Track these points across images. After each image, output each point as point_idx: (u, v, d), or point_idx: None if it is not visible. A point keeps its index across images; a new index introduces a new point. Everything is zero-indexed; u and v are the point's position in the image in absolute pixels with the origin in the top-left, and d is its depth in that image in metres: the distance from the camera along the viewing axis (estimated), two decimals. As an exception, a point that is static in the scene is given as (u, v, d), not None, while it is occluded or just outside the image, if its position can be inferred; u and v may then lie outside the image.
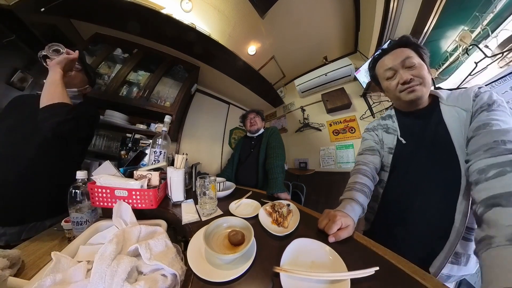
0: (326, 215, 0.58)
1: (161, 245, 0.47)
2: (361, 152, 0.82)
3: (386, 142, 0.77)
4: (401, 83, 0.63)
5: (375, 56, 0.75)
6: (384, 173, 0.76)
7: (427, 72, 0.63)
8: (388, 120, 0.79)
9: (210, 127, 2.71)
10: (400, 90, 0.64)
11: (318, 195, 2.48)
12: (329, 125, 2.59)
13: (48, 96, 0.75)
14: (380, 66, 0.71)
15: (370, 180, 0.72)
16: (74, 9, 1.48)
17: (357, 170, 0.75)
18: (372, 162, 0.76)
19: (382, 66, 0.70)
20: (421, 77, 0.61)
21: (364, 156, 0.79)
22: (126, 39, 1.76)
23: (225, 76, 2.38)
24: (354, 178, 0.72)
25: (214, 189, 0.74)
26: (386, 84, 0.70)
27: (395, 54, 0.66)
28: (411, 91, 0.62)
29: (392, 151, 0.73)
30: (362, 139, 0.88)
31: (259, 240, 0.49)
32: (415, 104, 0.67)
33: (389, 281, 0.38)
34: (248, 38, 2.13)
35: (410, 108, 0.69)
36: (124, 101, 1.66)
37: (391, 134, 0.75)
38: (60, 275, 0.37)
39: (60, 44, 0.81)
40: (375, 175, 0.75)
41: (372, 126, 0.85)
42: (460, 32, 1.38)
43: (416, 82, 0.62)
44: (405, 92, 0.64)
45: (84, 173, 0.64)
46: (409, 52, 0.64)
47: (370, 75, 0.80)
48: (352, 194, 0.65)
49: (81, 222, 0.60)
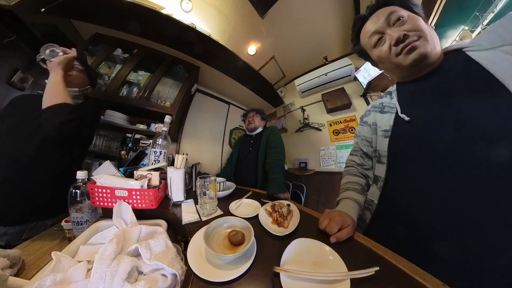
0: (326, 215, 0.58)
1: (161, 245, 0.47)
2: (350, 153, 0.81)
3: (380, 125, 0.61)
4: (394, 44, 0.49)
5: (355, 27, 0.62)
6: (380, 166, 0.59)
7: (425, 24, 0.48)
8: (385, 97, 0.63)
9: (210, 127, 2.71)
10: (396, 53, 0.49)
11: (318, 195, 2.49)
12: (329, 125, 2.59)
13: (50, 96, 0.76)
14: (364, 35, 0.58)
15: (359, 177, 0.72)
16: (74, 10, 1.48)
17: (346, 171, 0.77)
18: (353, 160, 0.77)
19: (365, 34, 0.57)
20: (417, 30, 0.47)
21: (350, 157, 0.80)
22: (126, 39, 1.76)
23: (225, 76, 2.38)
24: (344, 179, 0.74)
25: (214, 189, 0.74)
26: (376, 53, 0.55)
27: (375, 16, 0.54)
28: (410, 49, 0.47)
29: (387, 134, 0.57)
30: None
31: (259, 240, 0.49)
32: (423, 66, 0.49)
33: (389, 281, 0.38)
34: (248, 38, 2.13)
35: (418, 72, 0.52)
36: (124, 101, 1.66)
37: (387, 113, 0.59)
38: (60, 275, 0.37)
39: (55, 44, 0.82)
40: (363, 171, 0.73)
41: (364, 113, 0.73)
42: (460, 31, 1.38)
43: (413, 37, 0.46)
44: (403, 54, 0.48)
45: (85, 173, 0.64)
46: (393, 8, 0.51)
47: (356, 50, 0.65)
48: (346, 194, 0.66)
49: (81, 222, 0.60)
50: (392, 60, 0.52)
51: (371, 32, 0.55)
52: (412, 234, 0.48)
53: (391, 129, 0.56)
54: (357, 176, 0.73)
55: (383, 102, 0.64)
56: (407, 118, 0.52)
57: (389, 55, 0.52)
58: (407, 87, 0.57)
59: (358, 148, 0.77)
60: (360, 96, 2.33)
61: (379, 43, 0.54)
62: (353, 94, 2.39)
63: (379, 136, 0.61)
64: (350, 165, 0.78)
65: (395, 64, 0.52)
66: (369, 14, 0.57)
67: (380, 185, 0.60)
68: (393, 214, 0.55)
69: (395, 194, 0.55)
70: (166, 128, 1.00)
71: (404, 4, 0.52)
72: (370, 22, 0.56)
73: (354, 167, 0.76)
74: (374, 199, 0.62)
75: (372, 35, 0.55)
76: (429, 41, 0.47)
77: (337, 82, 2.49)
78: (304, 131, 2.85)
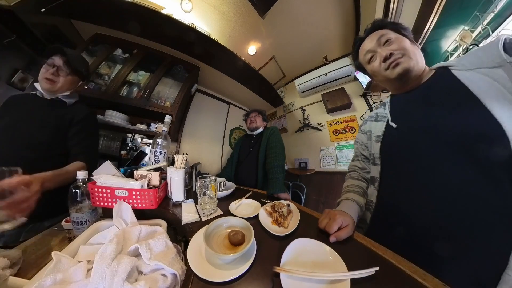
0: (326, 215, 0.58)
1: (161, 245, 0.47)
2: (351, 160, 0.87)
3: (374, 131, 0.70)
4: (382, 61, 0.59)
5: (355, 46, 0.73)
6: (375, 168, 0.66)
7: (410, 44, 0.58)
8: (380, 108, 0.74)
9: (210, 127, 2.71)
10: (385, 68, 0.60)
11: (318, 195, 2.48)
12: (329, 125, 2.59)
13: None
14: (361, 52, 0.70)
15: (361, 181, 0.77)
16: (74, 10, 1.48)
17: (348, 176, 0.82)
18: (355, 165, 0.82)
19: (362, 52, 0.69)
20: (401, 49, 0.57)
21: (352, 163, 0.85)
22: (126, 39, 1.76)
23: (225, 76, 2.38)
24: (346, 183, 0.79)
25: (214, 189, 0.74)
26: (370, 68, 0.67)
27: (370, 38, 0.65)
28: (395, 65, 0.57)
29: (379, 139, 0.66)
30: None
31: (259, 240, 0.49)
32: (408, 79, 0.59)
33: (389, 281, 0.38)
34: (248, 38, 2.13)
35: (406, 85, 0.61)
36: (124, 101, 1.66)
37: (380, 121, 0.69)
38: (60, 275, 0.37)
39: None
40: (365, 175, 0.78)
41: (362, 123, 0.83)
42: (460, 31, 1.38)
43: (397, 55, 0.57)
44: (390, 68, 0.59)
45: (85, 173, 0.64)
46: (384, 31, 0.62)
47: (355, 65, 0.78)
48: (347, 195, 0.70)
49: (81, 222, 0.60)
50: (382, 74, 0.62)
51: (366, 51, 0.66)
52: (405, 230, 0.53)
53: (383, 135, 0.65)
54: (358, 180, 0.77)
55: (378, 112, 0.74)
56: (395, 125, 0.61)
57: (380, 69, 0.62)
58: (398, 98, 0.67)
59: (359, 153, 0.82)
60: (360, 96, 2.33)
61: (372, 60, 0.65)
62: (353, 94, 2.39)
63: (373, 141, 0.69)
64: (353, 169, 0.83)
65: (385, 77, 0.62)
66: (365, 36, 0.68)
67: (376, 185, 0.65)
68: (388, 211, 0.61)
69: (388, 192, 0.62)
70: (166, 128, 1.00)
71: (395, 28, 0.62)
72: (366, 42, 0.67)
73: (356, 172, 0.81)
74: (373, 199, 0.66)
75: (366, 53, 0.66)
76: (412, 58, 0.56)
77: (337, 82, 2.49)
78: (304, 131, 2.85)
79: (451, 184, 0.45)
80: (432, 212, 0.48)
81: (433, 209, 0.48)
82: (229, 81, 2.46)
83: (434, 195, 0.48)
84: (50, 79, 0.86)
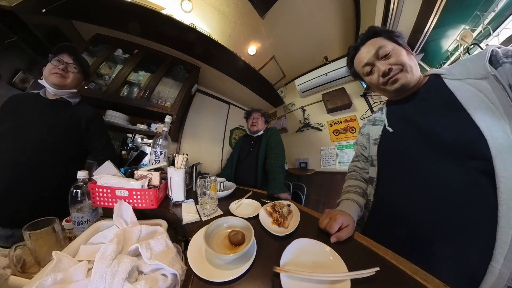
0: (326, 215, 0.58)
1: (162, 245, 0.47)
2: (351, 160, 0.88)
3: (372, 135, 0.73)
4: (381, 75, 0.60)
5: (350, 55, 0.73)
6: (373, 169, 0.70)
7: (406, 55, 0.59)
8: (378, 112, 0.76)
9: (211, 127, 2.71)
10: (383, 83, 0.61)
11: (318, 195, 2.48)
12: (330, 125, 2.59)
13: None
14: (357, 62, 0.69)
15: (361, 181, 0.78)
16: (75, 10, 1.48)
17: (349, 176, 0.83)
18: (355, 165, 0.83)
19: (358, 62, 0.68)
20: (400, 64, 0.58)
21: (352, 163, 0.86)
22: (126, 39, 1.76)
23: (226, 76, 2.38)
24: (346, 183, 0.80)
25: (215, 189, 0.74)
26: (368, 80, 0.68)
27: (367, 47, 0.64)
28: (393, 81, 0.59)
29: (377, 142, 0.69)
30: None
31: (259, 240, 0.49)
32: (405, 91, 0.62)
33: (389, 282, 0.38)
34: (248, 38, 2.13)
35: (401, 95, 0.65)
36: (124, 102, 1.67)
37: (377, 125, 0.72)
38: (61, 274, 0.37)
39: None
40: (365, 176, 0.78)
41: (361, 126, 0.85)
42: (461, 31, 1.37)
43: (396, 71, 0.58)
44: (388, 84, 0.61)
45: (85, 173, 0.64)
46: (381, 41, 0.61)
47: (350, 72, 0.77)
48: (347, 196, 0.71)
49: (82, 222, 0.61)
50: (380, 87, 0.65)
51: (364, 63, 0.65)
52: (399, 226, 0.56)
53: (380, 138, 0.68)
54: (358, 180, 0.78)
55: (376, 116, 0.76)
56: (391, 130, 0.65)
57: (378, 83, 0.63)
58: (394, 104, 0.69)
59: (359, 153, 0.83)
60: (361, 96, 2.33)
61: (370, 73, 0.66)
62: (353, 94, 2.39)
63: (371, 143, 0.72)
64: (353, 170, 0.84)
65: (383, 90, 0.65)
66: (360, 44, 0.67)
67: (374, 185, 0.68)
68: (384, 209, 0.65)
69: (385, 191, 0.66)
70: (166, 128, 1.00)
71: (390, 37, 0.62)
72: (363, 51, 0.66)
73: (356, 172, 0.82)
74: (371, 198, 0.69)
75: (364, 65, 0.66)
76: (409, 72, 0.58)
77: (337, 82, 2.49)
78: (304, 131, 2.85)
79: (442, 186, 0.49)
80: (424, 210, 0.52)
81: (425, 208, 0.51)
82: (229, 81, 2.46)
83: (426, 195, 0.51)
84: (60, 74, 0.87)
